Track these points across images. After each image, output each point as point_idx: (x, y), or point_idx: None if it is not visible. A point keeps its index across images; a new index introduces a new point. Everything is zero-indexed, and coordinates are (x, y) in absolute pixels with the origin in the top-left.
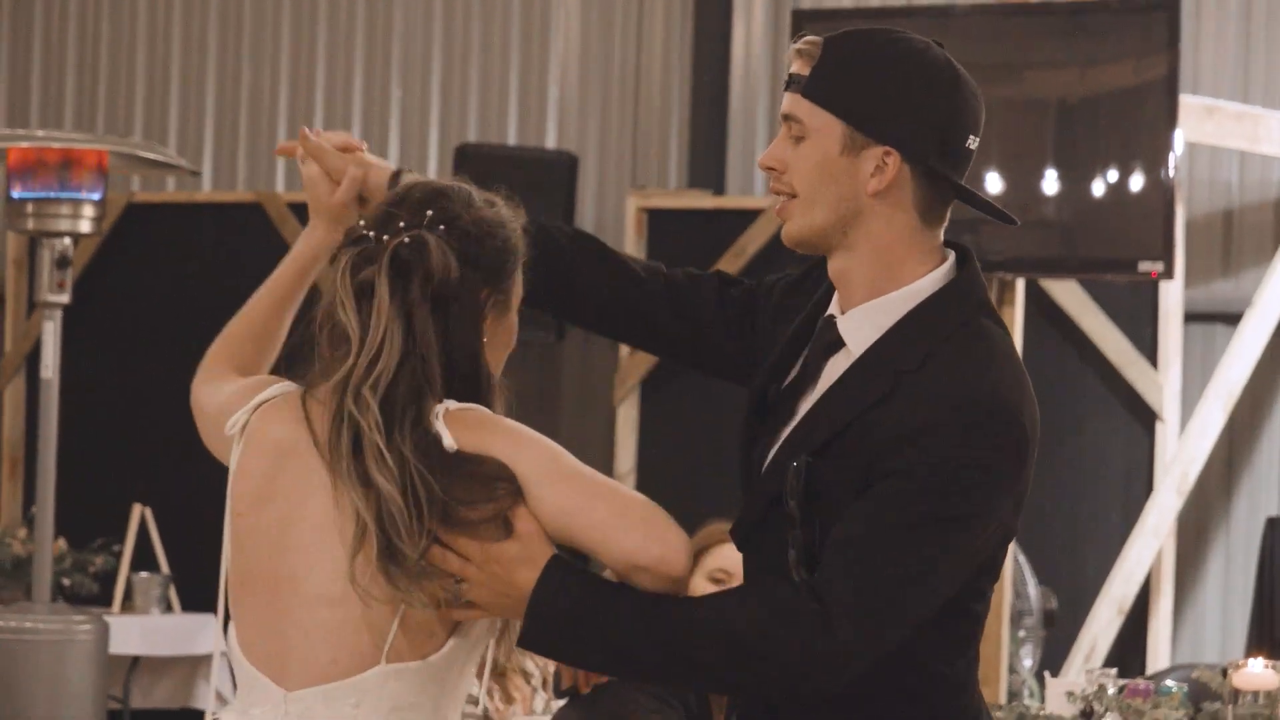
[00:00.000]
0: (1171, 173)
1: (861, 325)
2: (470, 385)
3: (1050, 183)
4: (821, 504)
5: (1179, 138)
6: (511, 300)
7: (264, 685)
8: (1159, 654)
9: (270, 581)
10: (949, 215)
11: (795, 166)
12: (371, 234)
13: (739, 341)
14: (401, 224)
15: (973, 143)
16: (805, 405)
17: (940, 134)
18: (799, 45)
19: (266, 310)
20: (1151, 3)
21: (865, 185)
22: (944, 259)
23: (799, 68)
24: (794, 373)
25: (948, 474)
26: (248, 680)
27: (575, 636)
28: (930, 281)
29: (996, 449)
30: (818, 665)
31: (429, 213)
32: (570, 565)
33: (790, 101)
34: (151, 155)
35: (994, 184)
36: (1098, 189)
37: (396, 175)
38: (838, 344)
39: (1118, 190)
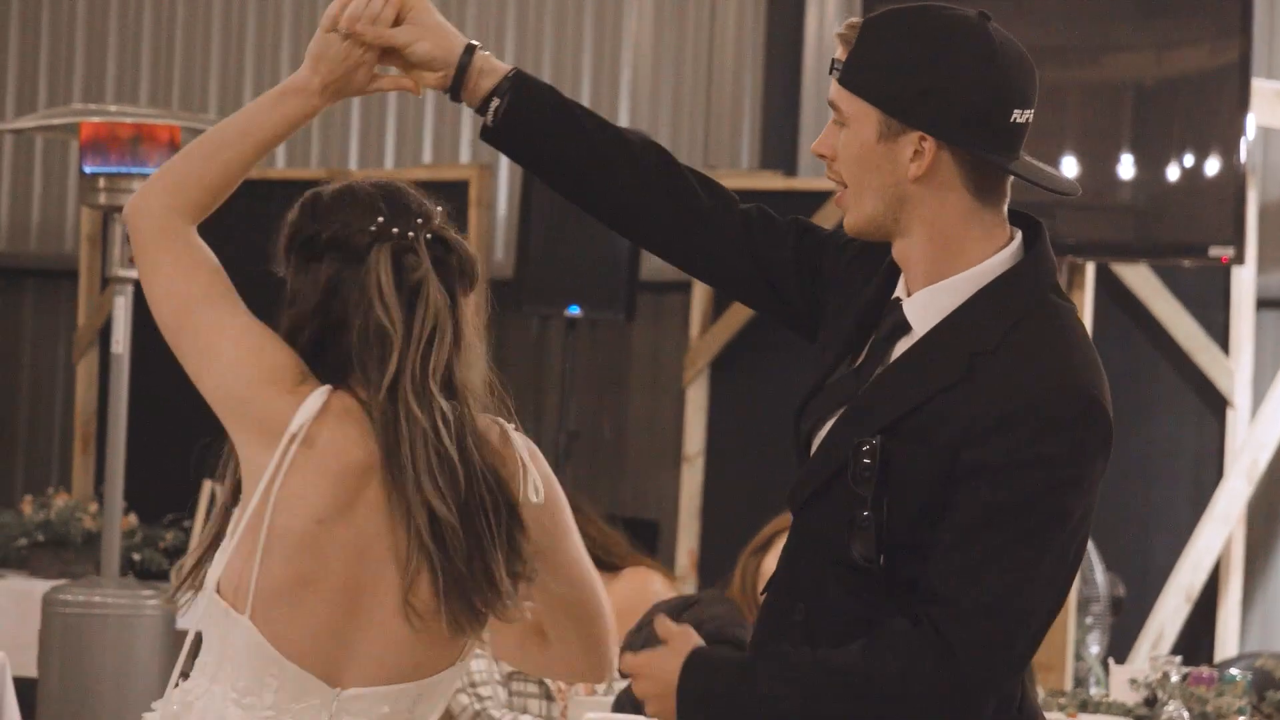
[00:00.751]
0: (1243, 157)
1: (927, 307)
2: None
3: (1125, 167)
4: (893, 486)
5: (1251, 122)
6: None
7: (309, 682)
8: (1227, 642)
9: (347, 589)
10: (1009, 190)
11: (841, 155)
12: (396, 230)
13: (809, 290)
14: (419, 220)
15: (1020, 116)
16: (866, 384)
17: (975, 112)
18: (841, 30)
19: (241, 163)
20: None
21: (907, 171)
22: (1010, 236)
23: (840, 53)
24: (863, 355)
25: (1038, 473)
26: (288, 677)
27: (723, 715)
28: (999, 261)
29: (1082, 443)
30: (954, 700)
31: (425, 215)
32: (711, 651)
33: (833, 89)
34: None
35: (1069, 167)
36: (1172, 173)
37: (470, 49)
38: (904, 326)
39: (1191, 175)
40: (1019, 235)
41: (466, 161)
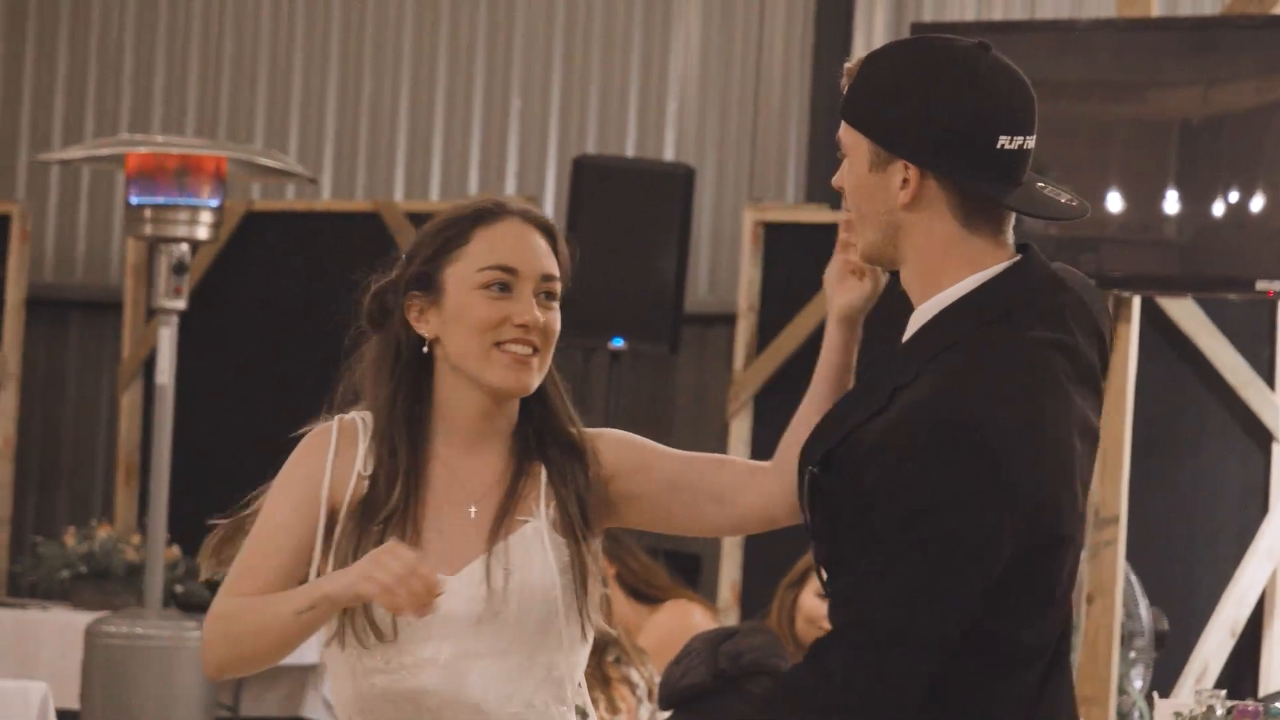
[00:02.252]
0: None
1: (909, 333)
2: (375, 380)
3: (1171, 202)
4: (826, 514)
5: None
6: (434, 281)
7: None
8: (1271, 677)
9: None
10: (1007, 218)
11: (847, 186)
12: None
13: None
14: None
15: (1009, 142)
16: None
17: (956, 138)
18: (848, 65)
19: None
20: (1271, 20)
21: (898, 199)
22: (995, 264)
23: (845, 86)
24: None
25: (901, 499)
26: None
27: None
28: (959, 289)
29: (940, 471)
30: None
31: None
32: None
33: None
34: (269, 162)
35: (1115, 203)
36: (1218, 208)
37: None
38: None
39: (1239, 209)
40: (1003, 265)
41: (512, 193)
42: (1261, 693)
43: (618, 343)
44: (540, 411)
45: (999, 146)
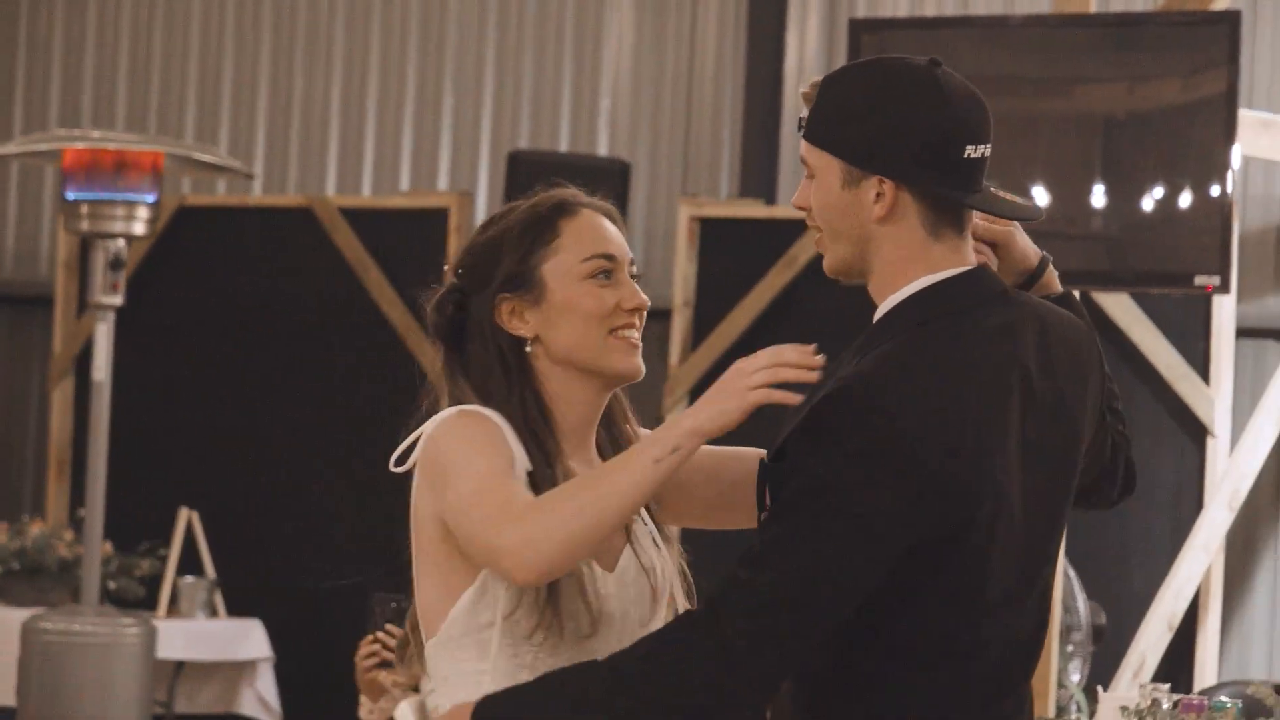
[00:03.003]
0: (1230, 187)
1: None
2: (491, 388)
3: (1099, 197)
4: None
5: (1237, 152)
6: (535, 279)
7: None
8: (1206, 670)
9: None
10: (967, 222)
11: (814, 204)
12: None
13: None
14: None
15: (975, 151)
16: None
17: (929, 151)
18: (805, 89)
19: None
20: (1210, 16)
21: (871, 214)
22: (948, 269)
23: (805, 110)
24: None
25: (817, 474)
26: None
27: None
28: (912, 287)
29: (862, 447)
30: (716, 666)
31: (451, 267)
32: (501, 690)
33: (802, 145)
34: (207, 158)
35: (1041, 197)
36: (1153, 203)
37: None
38: None
39: (1174, 204)
40: (959, 269)
41: (444, 189)
42: (1196, 685)
43: None
44: (613, 403)
45: (966, 156)
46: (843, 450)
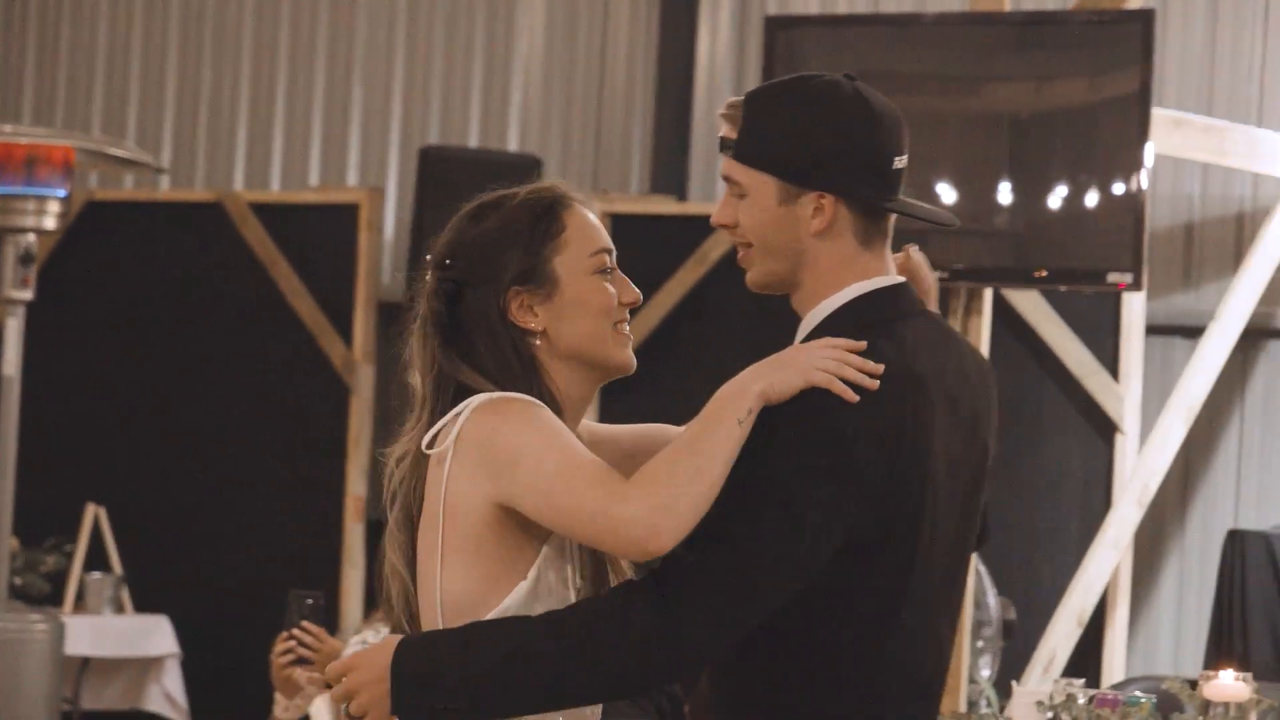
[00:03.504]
0: (1144, 185)
1: (799, 339)
2: (508, 380)
3: (1007, 194)
4: None
5: (1150, 150)
6: (548, 273)
7: None
8: (1114, 666)
9: None
10: (890, 231)
11: (744, 221)
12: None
13: None
14: (426, 273)
15: (899, 162)
16: None
17: (865, 164)
18: (724, 111)
19: None
20: (1123, 15)
21: (809, 228)
22: (876, 276)
23: (728, 131)
24: None
25: (768, 468)
26: None
27: (439, 689)
28: (845, 294)
29: (806, 446)
30: (659, 641)
31: (428, 257)
32: (418, 634)
33: (726, 164)
34: (119, 152)
35: (949, 194)
36: (1063, 201)
37: None
38: None
39: (1085, 202)
40: (888, 280)
41: (354, 184)
42: (1104, 680)
43: None
44: None
45: (894, 167)
46: (789, 444)
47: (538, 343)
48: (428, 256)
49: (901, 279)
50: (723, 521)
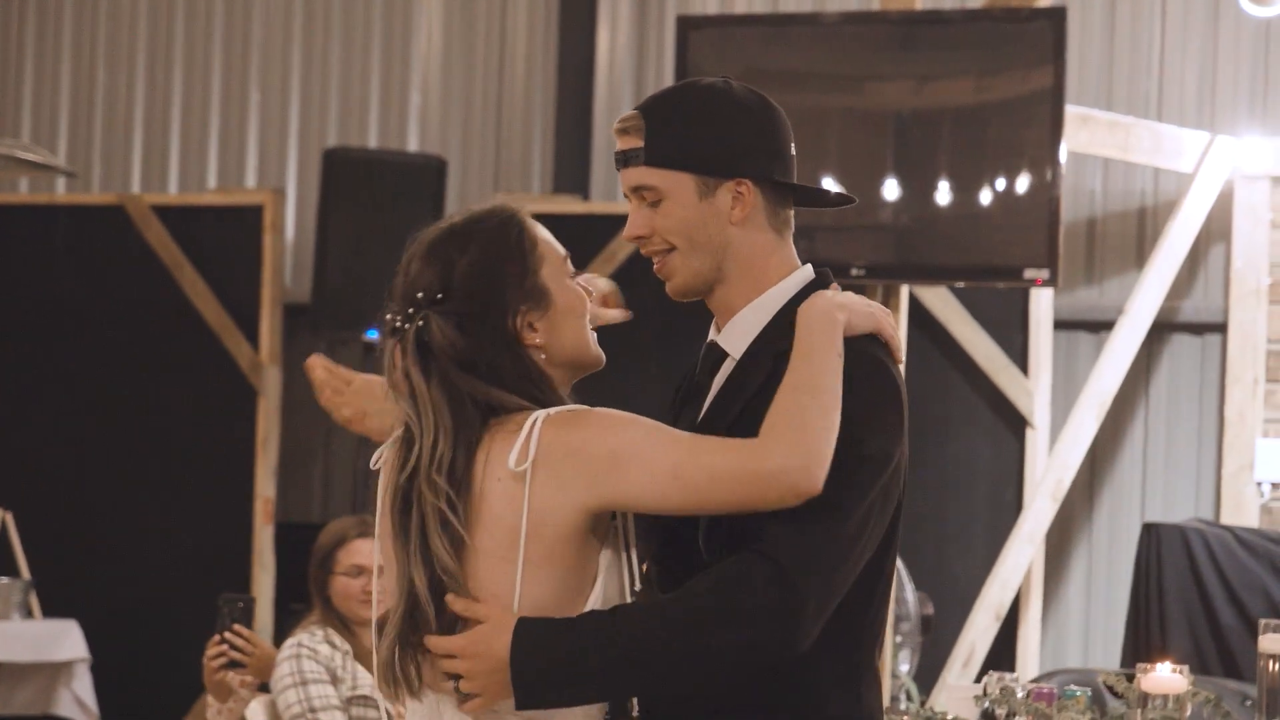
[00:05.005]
0: (1060, 181)
1: (741, 332)
2: (534, 394)
3: (946, 193)
4: None
5: (1063, 147)
6: (542, 289)
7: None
8: (1028, 659)
9: None
10: (793, 223)
11: (664, 226)
12: (399, 323)
13: None
14: (411, 309)
15: (793, 149)
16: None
17: (772, 150)
18: (621, 125)
19: None
20: (1035, 13)
21: (729, 218)
22: (799, 265)
23: (628, 143)
24: (697, 400)
25: (852, 441)
26: None
27: (564, 680)
28: (794, 281)
29: (878, 418)
30: (780, 616)
31: (419, 294)
32: (538, 619)
33: (635, 175)
34: (31, 156)
35: (891, 191)
36: (983, 198)
37: None
38: (722, 357)
39: (1001, 200)
40: (808, 266)
41: (253, 185)
42: (1020, 674)
43: (372, 334)
44: None
45: (792, 152)
46: (874, 425)
47: (542, 356)
48: (418, 295)
49: (824, 269)
50: (832, 494)
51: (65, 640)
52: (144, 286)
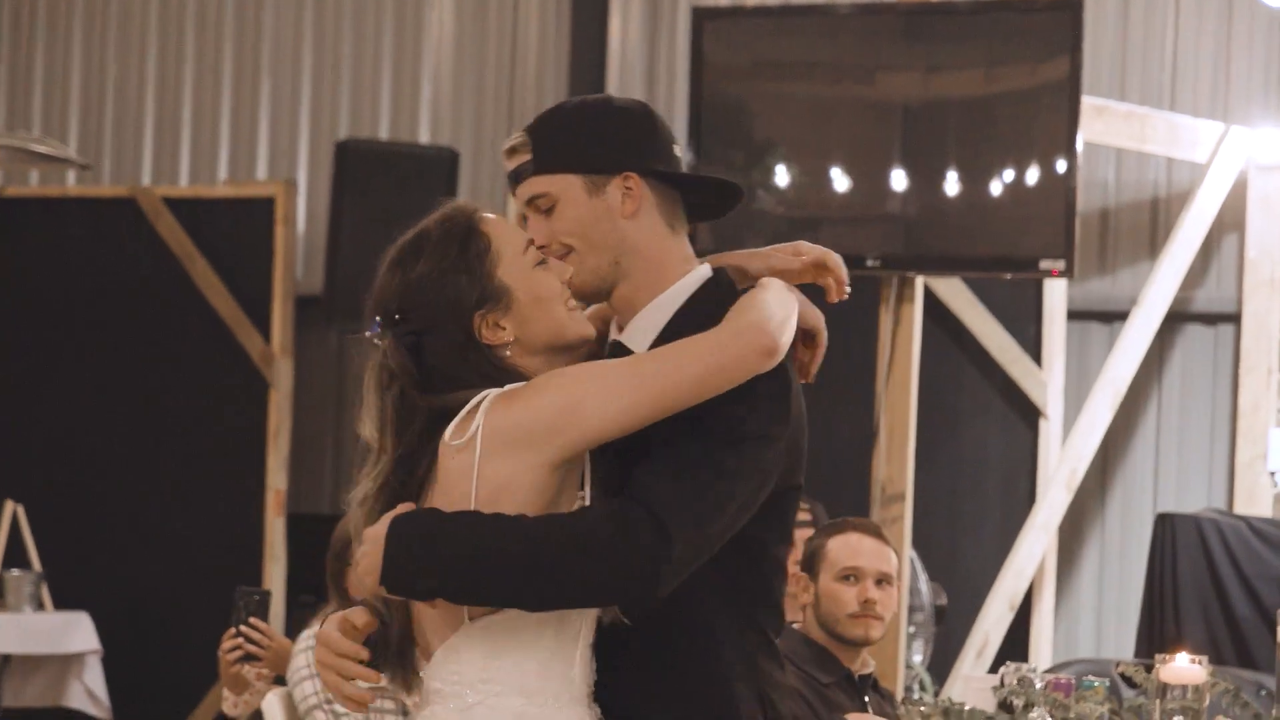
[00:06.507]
0: (1076, 172)
1: (644, 330)
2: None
3: (955, 183)
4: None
5: (1079, 138)
6: (500, 288)
7: None
8: (1042, 650)
9: None
10: (685, 222)
11: (560, 229)
12: (374, 340)
13: None
14: (378, 327)
15: (679, 150)
16: None
17: (654, 146)
18: (510, 146)
19: None
20: (1052, 4)
21: (621, 212)
22: (697, 263)
23: (518, 160)
24: None
25: (736, 419)
26: None
27: (422, 562)
28: (693, 280)
29: (765, 405)
30: (647, 557)
31: (380, 313)
32: (419, 508)
33: (526, 187)
34: (43, 149)
35: (900, 182)
36: (996, 189)
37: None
38: (626, 355)
39: (1015, 190)
40: (708, 265)
41: (264, 177)
42: (1033, 664)
43: None
44: None
45: (676, 153)
46: (762, 412)
47: (509, 352)
48: (376, 316)
49: (720, 265)
50: (709, 456)
51: (76, 632)
52: (155, 279)
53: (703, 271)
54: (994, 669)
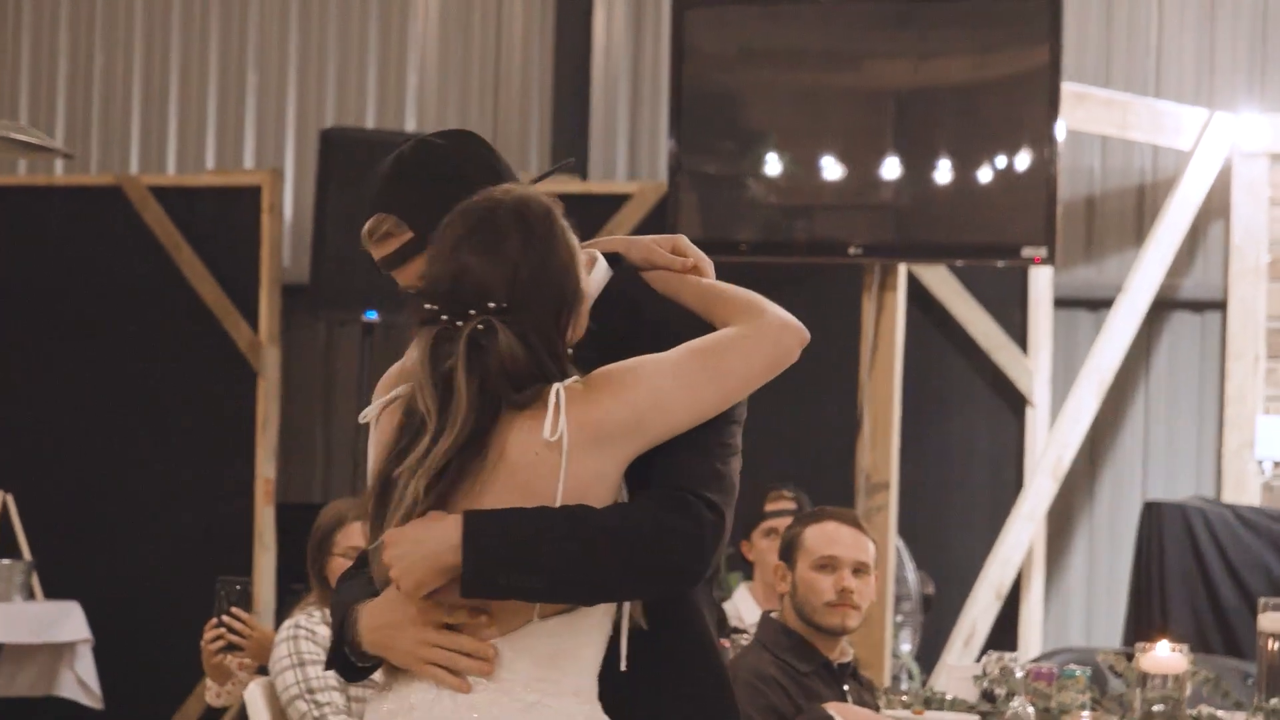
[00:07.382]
0: (1056, 159)
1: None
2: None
3: (947, 172)
4: None
5: (1060, 125)
6: (582, 292)
7: None
8: (1030, 638)
9: None
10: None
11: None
12: (445, 317)
13: None
14: (470, 310)
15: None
16: None
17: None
18: (372, 234)
19: None
20: None
21: None
22: (594, 260)
23: (388, 246)
24: None
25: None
26: None
27: (514, 562)
28: (600, 272)
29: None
30: (708, 547)
31: (477, 295)
32: (485, 512)
33: (397, 251)
34: (26, 138)
35: (890, 169)
36: (982, 176)
37: None
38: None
39: (1000, 178)
40: (601, 258)
41: (250, 166)
42: (1021, 653)
43: (371, 315)
44: None
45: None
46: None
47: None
48: (475, 295)
49: (608, 252)
50: (720, 436)
51: (67, 621)
52: (142, 268)
53: (602, 267)
54: (981, 658)
